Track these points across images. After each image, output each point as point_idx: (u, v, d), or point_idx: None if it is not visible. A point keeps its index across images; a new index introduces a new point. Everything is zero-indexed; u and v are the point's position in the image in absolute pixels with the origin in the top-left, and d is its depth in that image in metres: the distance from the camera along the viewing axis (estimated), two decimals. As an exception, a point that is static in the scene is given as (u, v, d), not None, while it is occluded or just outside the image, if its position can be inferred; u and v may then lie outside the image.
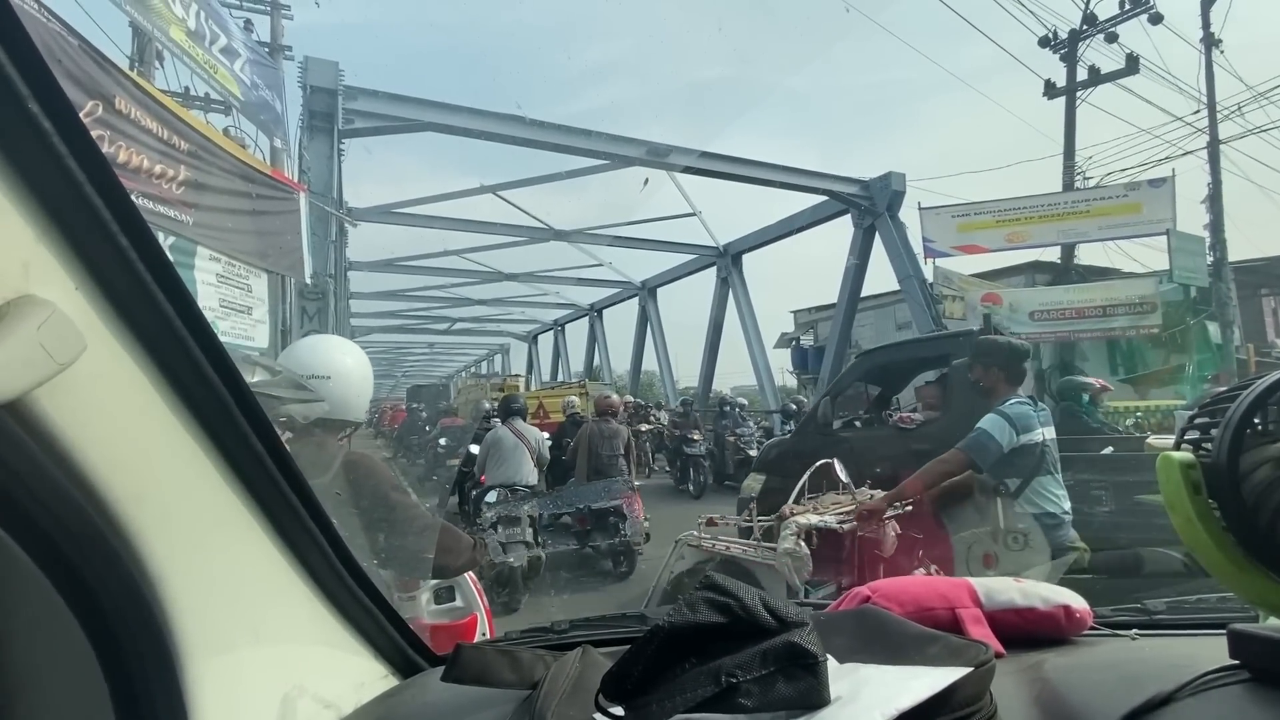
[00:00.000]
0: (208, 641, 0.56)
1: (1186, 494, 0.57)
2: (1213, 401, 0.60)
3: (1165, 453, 0.59)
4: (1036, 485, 2.64)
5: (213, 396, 0.56)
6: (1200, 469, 0.57)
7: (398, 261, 15.04)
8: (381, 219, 11.33)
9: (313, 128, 7.01)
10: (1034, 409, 2.67)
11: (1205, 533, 0.56)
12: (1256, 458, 0.53)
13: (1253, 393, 0.55)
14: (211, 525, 0.61)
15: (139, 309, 0.49)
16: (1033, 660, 0.74)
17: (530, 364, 29.36)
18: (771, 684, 0.50)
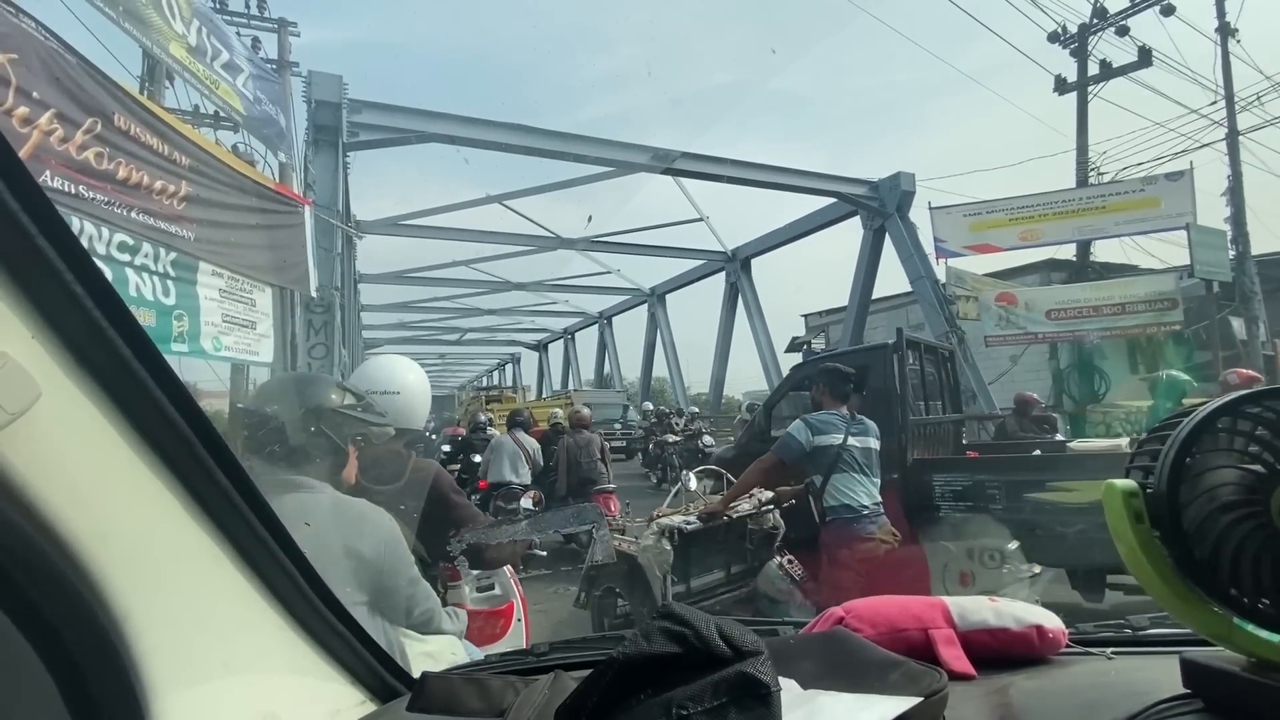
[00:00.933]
0: (177, 675, 0.57)
1: (1129, 522, 0.56)
2: (1159, 428, 0.59)
3: (1110, 481, 0.58)
4: (836, 481, 3.12)
5: (173, 434, 0.56)
6: (1143, 498, 0.56)
7: (407, 273, 15.10)
8: (389, 231, 11.36)
9: (318, 141, 7.02)
10: (844, 420, 3.24)
11: (1148, 562, 0.55)
12: (1198, 485, 0.53)
13: (1195, 418, 0.54)
14: (177, 560, 0.61)
15: (95, 352, 0.50)
16: (1000, 684, 0.73)
17: (541, 373, 29.41)
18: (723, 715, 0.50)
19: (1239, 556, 0.52)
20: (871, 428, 3.39)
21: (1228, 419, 0.55)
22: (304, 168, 6.68)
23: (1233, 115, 10.93)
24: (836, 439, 3.17)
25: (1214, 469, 0.54)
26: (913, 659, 0.66)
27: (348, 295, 10.52)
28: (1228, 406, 0.55)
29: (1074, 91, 13.00)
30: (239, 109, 5.48)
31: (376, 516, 1.47)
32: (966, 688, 0.71)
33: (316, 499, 1.41)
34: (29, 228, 0.44)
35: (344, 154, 7.29)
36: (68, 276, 0.47)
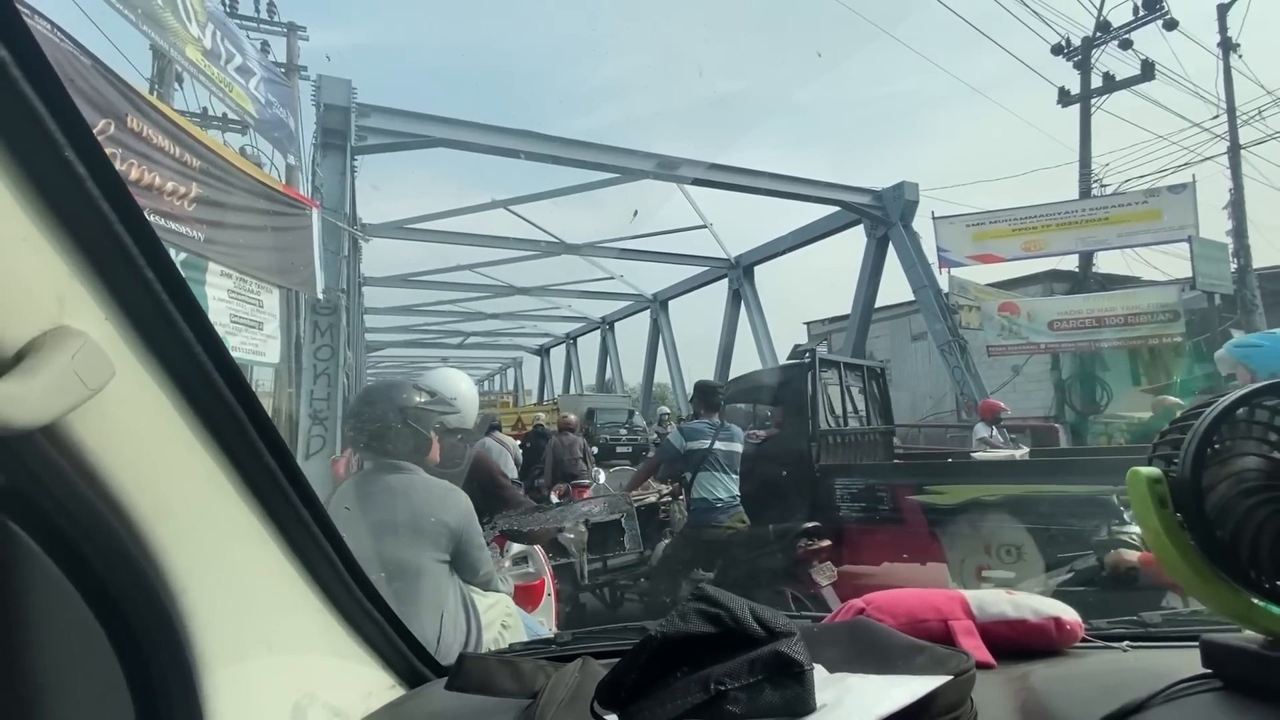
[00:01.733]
0: (224, 651, 0.59)
1: (1153, 508, 0.58)
2: (1182, 418, 0.61)
3: (1134, 468, 0.61)
4: (700, 478, 3.72)
5: (230, 417, 0.59)
6: (1166, 483, 0.58)
7: (411, 277, 15.15)
8: (394, 234, 11.41)
9: (326, 145, 7.06)
10: (712, 428, 3.86)
11: (1172, 545, 0.57)
12: (1219, 473, 0.55)
13: (1216, 409, 0.57)
14: (228, 540, 0.64)
15: (163, 337, 0.52)
16: (1020, 671, 0.75)
17: (542, 377, 29.40)
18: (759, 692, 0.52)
19: (1259, 539, 0.54)
20: (736, 433, 3.98)
21: (1247, 409, 0.57)
22: (311, 171, 6.72)
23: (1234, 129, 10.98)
24: (704, 443, 3.78)
25: (1235, 456, 0.56)
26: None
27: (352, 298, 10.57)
28: (1247, 397, 0.57)
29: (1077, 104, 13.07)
30: (251, 112, 5.53)
31: (457, 493, 1.81)
32: (987, 676, 0.72)
33: (412, 478, 1.78)
34: (109, 215, 0.46)
35: (351, 158, 7.33)
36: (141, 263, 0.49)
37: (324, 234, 6.27)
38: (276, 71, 7.03)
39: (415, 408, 1.87)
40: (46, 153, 0.42)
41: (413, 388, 1.95)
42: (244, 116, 5.57)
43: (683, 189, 10.99)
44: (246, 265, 4.74)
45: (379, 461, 1.83)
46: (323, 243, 6.13)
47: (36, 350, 0.42)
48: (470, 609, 1.80)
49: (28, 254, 0.43)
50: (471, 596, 1.83)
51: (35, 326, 0.42)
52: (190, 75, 5.14)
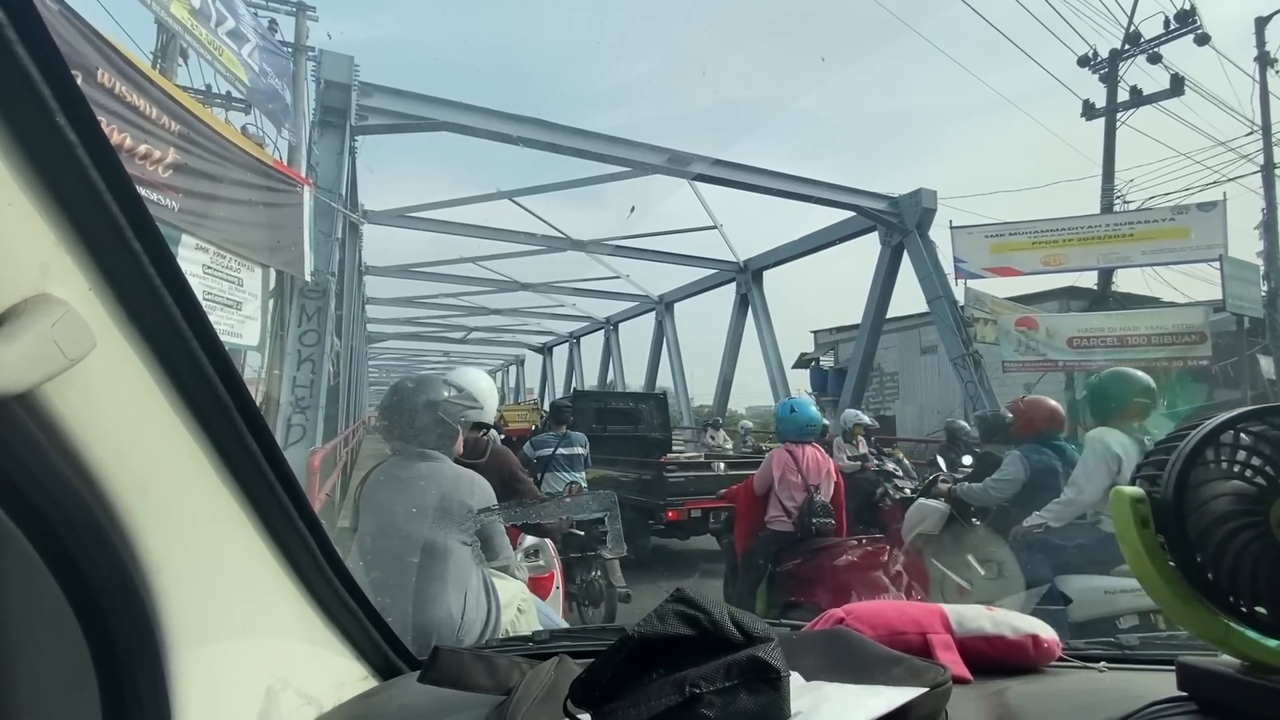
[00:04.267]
0: (196, 633, 0.58)
1: (1135, 528, 0.58)
2: (1167, 439, 0.62)
3: (1117, 488, 0.61)
4: (546, 477, 5.08)
5: (214, 398, 0.58)
6: (1149, 504, 0.59)
7: (413, 268, 14.88)
8: (396, 223, 11.13)
9: (325, 123, 6.77)
10: (556, 438, 5.31)
11: (1152, 566, 0.58)
12: (1202, 494, 0.56)
13: (1201, 432, 0.57)
14: (206, 521, 0.63)
15: (148, 311, 0.52)
16: (997, 687, 0.75)
17: (545, 376, 29.14)
18: (734, 696, 0.52)
19: (1239, 564, 0.54)
20: (578, 439, 5.39)
21: (1231, 434, 0.57)
22: (308, 148, 6.44)
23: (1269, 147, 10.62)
24: (548, 450, 5.23)
25: (1217, 479, 0.56)
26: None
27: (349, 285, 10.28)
28: (1231, 421, 0.57)
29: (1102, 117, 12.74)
30: (243, 78, 5.25)
31: (482, 481, 1.96)
32: (963, 691, 0.72)
33: (441, 466, 1.92)
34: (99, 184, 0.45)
35: (351, 137, 7.05)
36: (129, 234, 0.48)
37: (317, 214, 5.98)
38: (274, 42, 6.74)
39: (445, 402, 2.01)
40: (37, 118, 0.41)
41: (442, 383, 2.09)
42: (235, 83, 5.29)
43: (693, 187, 10.68)
44: (226, 240, 4.45)
45: (409, 450, 1.96)
46: (314, 223, 5.84)
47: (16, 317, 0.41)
48: (491, 590, 1.91)
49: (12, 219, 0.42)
50: (492, 579, 1.95)
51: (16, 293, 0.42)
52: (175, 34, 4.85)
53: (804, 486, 3.56)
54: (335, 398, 7.95)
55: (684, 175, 9.37)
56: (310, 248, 5.67)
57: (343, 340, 9.20)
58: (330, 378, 6.00)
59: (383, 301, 19.00)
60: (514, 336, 27.43)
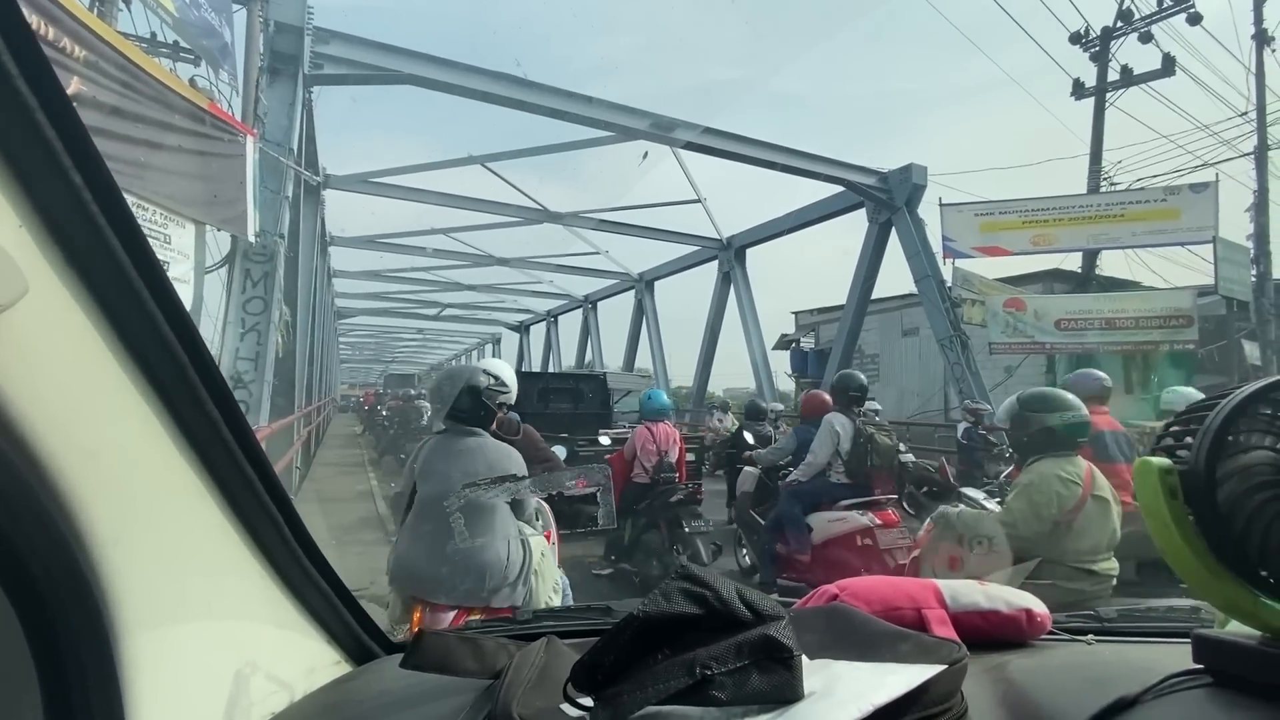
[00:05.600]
0: (154, 615, 0.54)
1: (1163, 499, 0.57)
2: (1189, 410, 0.61)
3: (1143, 458, 0.60)
4: None
5: (169, 357, 0.53)
6: (1177, 475, 0.57)
7: (381, 238, 14.16)
8: (360, 188, 10.46)
9: (274, 69, 6.14)
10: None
11: (1180, 538, 0.57)
12: (1233, 466, 0.55)
13: (1233, 400, 0.56)
14: (163, 493, 0.58)
15: (92, 255, 0.47)
16: (996, 661, 0.75)
17: (521, 355, 28.56)
18: (746, 677, 0.50)
19: (1268, 536, 0.53)
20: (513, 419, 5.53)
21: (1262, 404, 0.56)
22: (255, 97, 5.81)
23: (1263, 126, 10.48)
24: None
25: (1250, 449, 0.55)
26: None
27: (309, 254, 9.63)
28: (1262, 391, 0.56)
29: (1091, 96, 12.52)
30: (170, 8, 4.63)
31: (516, 454, 2.40)
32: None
33: (483, 441, 2.38)
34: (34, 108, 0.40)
35: (305, 87, 6.42)
36: (67, 163, 0.43)
37: (263, 169, 5.40)
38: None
39: (486, 389, 2.46)
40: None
41: (482, 373, 2.52)
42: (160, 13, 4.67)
43: (678, 157, 10.20)
44: (149, 190, 3.89)
45: (457, 427, 2.39)
46: (261, 178, 5.26)
47: None
48: (523, 540, 2.34)
49: None
50: (527, 535, 2.39)
51: None
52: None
53: (657, 452, 4.86)
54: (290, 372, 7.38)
55: (669, 142, 8.89)
56: (255, 206, 5.10)
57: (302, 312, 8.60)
58: (278, 350, 5.47)
59: (350, 275, 18.22)
60: (490, 314, 26.76)
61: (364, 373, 48.38)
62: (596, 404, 8.32)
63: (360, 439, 17.15)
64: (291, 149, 5.96)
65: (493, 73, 7.47)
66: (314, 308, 10.32)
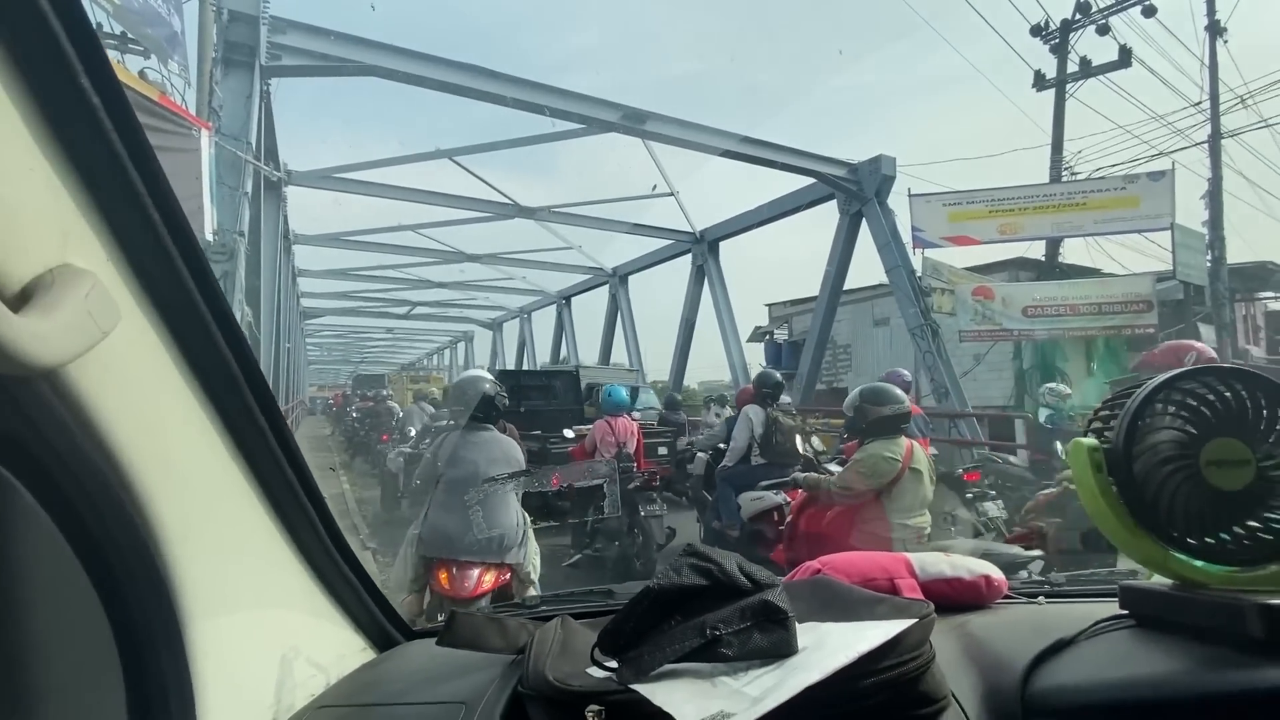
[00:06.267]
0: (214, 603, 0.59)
1: (1091, 473, 0.68)
2: (1114, 397, 0.73)
3: (1076, 439, 0.71)
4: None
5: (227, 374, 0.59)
6: (1102, 453, 0.69)
7: (347, 235, 13.81)
8: (324, 184, 10.15)
9: (228, 60, 5.89)
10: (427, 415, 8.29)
11: (1106, 505, 0.68)
12: (1146, 444, 0.67)
13: (1146, 389, 0.68)
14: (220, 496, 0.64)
15: (164, 284, 0.51)
16: (959, 621, 0.85)
17: (494, 353, 28.24)
18: (749, 636, 0.57)
19: (1175, 501, 0.65)
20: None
21: (1169, 391, 0.68)
22: (209, 89, 5.57)
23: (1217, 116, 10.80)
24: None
25: (1158, 430, 0.67)
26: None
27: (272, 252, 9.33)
28: (1170, 381, 0.67)
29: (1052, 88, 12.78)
30: (111, -7, 4.39)
31: (519, 447, 3.17)
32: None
33: (495, 434, 3.07)
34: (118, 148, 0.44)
35: (262, 79, 6.18)
36: (146, 201, 0.47)
37: (220, 164, 5.18)
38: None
39: (497, 395, 3.11)
40: (59, 80, 0.40)
41: (490, 382, 3.18)
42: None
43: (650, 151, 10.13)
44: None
45: (475, 424, 3.04)
46: (217, 174, 5.05)
47: (47, 288, 0.40)
48: (522, 513, 2.94)
49: (34, 185, 0.41)
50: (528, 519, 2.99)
51: (40, 263, 0.41)
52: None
53: (616, 444, 5.21)
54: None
55: (640, 134, 8.80)
56: (212, 202, 4.89)
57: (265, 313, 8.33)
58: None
59: (316, 274, 17.76)
60: (461, 312, 26.36)
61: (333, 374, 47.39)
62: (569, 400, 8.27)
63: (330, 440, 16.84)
64: (249, 143, 5.74)
65: (459, 64, 7.29)
66: (278, 308, 10.02)
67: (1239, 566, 0.64)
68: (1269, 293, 15.14)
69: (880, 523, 2.92)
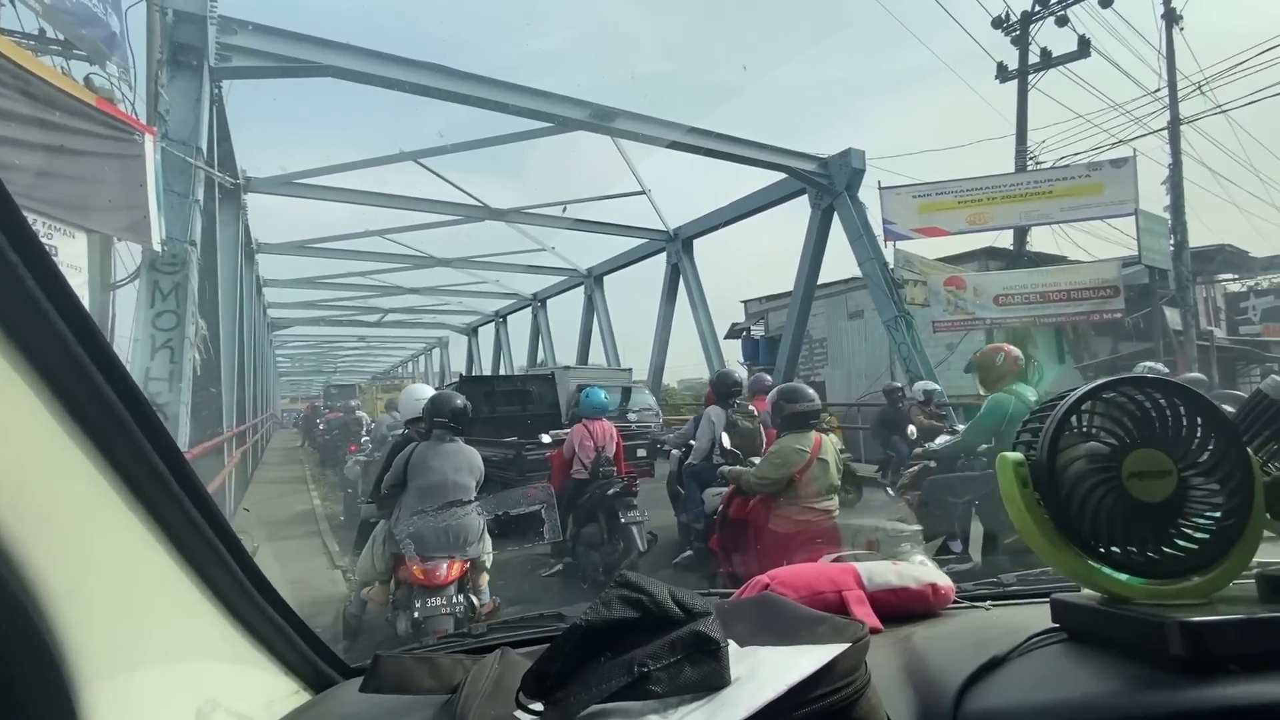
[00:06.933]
0: (113, 663, 0.55)
1: (1017, 487, 0.68)
2: (1041, 409, 0.72)
3: (1002, 453, 0.70)
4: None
5: (112, 418, 0.55)
6: (1028, 467, 0.69)
7: (313, 243, 13.46)
8: (285, 190, 9.85)
9: (175, 62, 5.62)
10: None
11: (1032, 520, 0.67)
12: (1069, 456, 0.66)
13: (1067, 402, 0.68)
14: (115, 547, 0.60)
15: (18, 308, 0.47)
16: (904, 633, 0.85)
17: (470, 358, 27.86)
18: (679, 670, 0.55)
19: (1098, 513, 0.64)
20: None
21: (1091, 402, 0.67)
22: (154, 92, 5.31)
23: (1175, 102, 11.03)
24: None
25: (1080, 443, 0.67)
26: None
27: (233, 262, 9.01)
28: (1091, 392, 0.67)
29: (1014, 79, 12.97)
30: (37, -8, 4.14)
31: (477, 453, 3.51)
32: (876, 639, 0.78)
33: (461, 445, 3.45)
34: None
35: (211, 81, 5.93)
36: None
37: (167, 171, 4.94)
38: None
39: (464, 409, 3.54)
40: None
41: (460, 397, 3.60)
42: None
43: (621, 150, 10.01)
44: (25, 198, 3.46)
45: (443, 435, 3.43)
46: (164, 181, 4.81)
47: None
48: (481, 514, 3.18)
49: None
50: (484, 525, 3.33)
51: None
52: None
53: (594, 448, 5.05)
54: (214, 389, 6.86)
55: (609, 132, 8.68)
56: (159, 210, 4.65)
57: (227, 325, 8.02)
58: (196, 367, 5.02)
59: (283, 283, 17.30)
60: (435, 317, 25.94)
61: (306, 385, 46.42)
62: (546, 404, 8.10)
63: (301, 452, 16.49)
64: (200, 148, 5.49)
65: (420, 63, 7.10)
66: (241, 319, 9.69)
67: (1163, 579, 0.64)
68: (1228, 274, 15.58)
69: (794, 507, 3.33)
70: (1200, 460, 0.65)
